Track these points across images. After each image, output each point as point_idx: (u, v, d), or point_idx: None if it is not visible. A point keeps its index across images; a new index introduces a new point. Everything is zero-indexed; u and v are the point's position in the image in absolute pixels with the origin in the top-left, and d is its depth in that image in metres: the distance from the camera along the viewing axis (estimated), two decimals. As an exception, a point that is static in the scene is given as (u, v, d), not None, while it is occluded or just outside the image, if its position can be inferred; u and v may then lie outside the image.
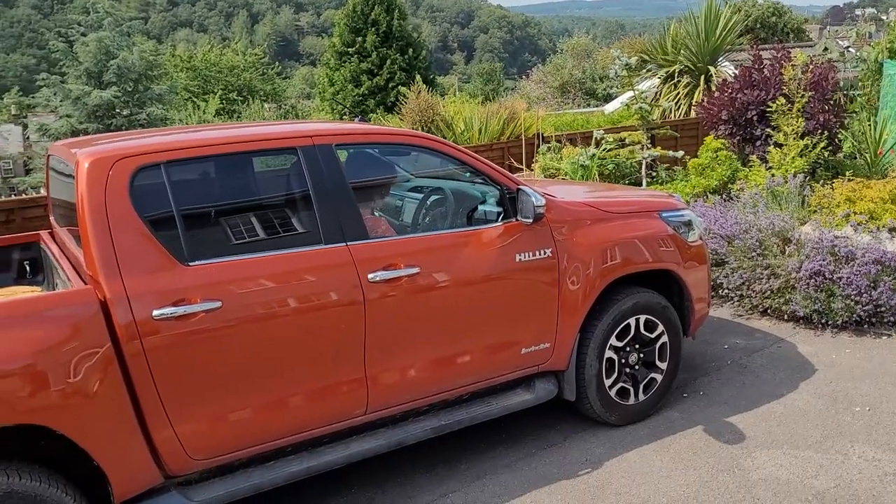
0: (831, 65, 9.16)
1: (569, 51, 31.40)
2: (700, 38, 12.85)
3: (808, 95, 7.90)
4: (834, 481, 3.78)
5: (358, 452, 3.58)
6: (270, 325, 3.22)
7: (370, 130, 3.99)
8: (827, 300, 5.67)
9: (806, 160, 7.58)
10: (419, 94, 11.07)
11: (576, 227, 4.12)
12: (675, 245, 4.54)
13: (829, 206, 6.77)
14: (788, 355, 5.39)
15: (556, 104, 23.50)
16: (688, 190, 8.02)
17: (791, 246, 6.09)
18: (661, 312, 4.48)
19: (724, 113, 8.63)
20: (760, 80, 8.44)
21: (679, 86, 13.26)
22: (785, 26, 30.13)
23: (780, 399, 4.71)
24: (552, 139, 9.42)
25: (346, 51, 30.55)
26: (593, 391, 4.26)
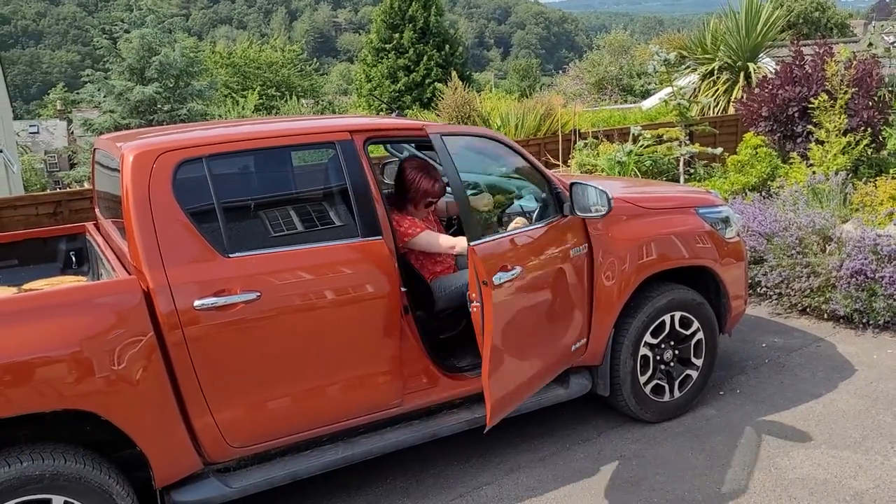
0: (876, 60, 8.97)
1: (605, 47, 31.12)
2: (740, 33, 12.65)
3: (851, 92, 7.75)
4: (873, 482, 3.73)
5: (393, 443, 3.62)
6: (306, 316, 3.28)
7: (407, 125, 4.03)
8: (868, 299, 5.57)
9: (848, 157, 7.43)
10: (455, 90, 11.10)
11: (611, 223, 4.11)
12: (712, 241, 4.50)
13: (872, 204, 6.64)
14: (828, 355, 5.31)
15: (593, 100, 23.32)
16: (726, 187, 7.93)
17: (832, 244, 5.99)
18: (697, 309, 4.44)
19: (764, 109, 8.50)
20: (802, 76, 8.30)
21: (718, 82, 13.07)
22: (828, 21, 29.51)
23: (818, 399, 4.65)
24: (588, 135, 9.38)
25: (383, 47, 30.71)
26: (627, 387, 4.25)
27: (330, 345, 3.35)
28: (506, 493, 3.81)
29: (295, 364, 3.30)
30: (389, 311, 3.45)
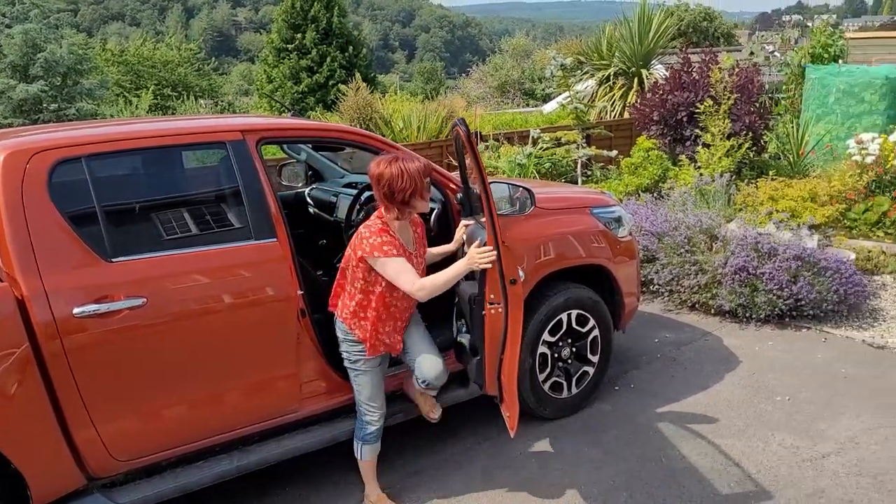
0: (757, 68, 9.49)
1: (508, 51, 31.70)
2: (634, 40, 13.13)
3: (734, 98, 8.17)
4: (755, 468, 3.93)
5: (290, 449, 3.55)
6: (197, 322, 3.16)
7: (301, 126, 3.95)
8: (751, 295, 5.87)
9: (732, 160, 7.83)
10: (357, 92, 11.02)
11: (510, 223, 4.16)
12: (606, 241, 4.63)
13: (754, 204, 7.01)
14: (715, 348, 5.56)
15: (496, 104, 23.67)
16: (621, 188, 8.20)
17: (718, 243, 6.29)
18: (593, 307, 4.56)
19: (655, 114, 8.85)
20: (690, 82, 8.69)
21: (614, 87, 13.52)
22: (716, 31, 31.03)
23: (706, 390, 4.86)
24: (490, 138, 9.50)
25: (284, 47, 30.17)
26: (527, 385, 4.31)
27: (222, 351, 3.25)
28: (408, 497, 3.80)
29: (185, 372, 3.18)
30: (285, 315, 3.37)
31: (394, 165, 3.22)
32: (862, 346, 5.50)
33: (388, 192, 3.22)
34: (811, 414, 4.50)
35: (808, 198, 6.97)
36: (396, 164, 3.22)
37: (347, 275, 3.36)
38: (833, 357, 5.31)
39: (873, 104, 9.37)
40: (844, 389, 4.80)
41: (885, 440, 4.15)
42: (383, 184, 3.22)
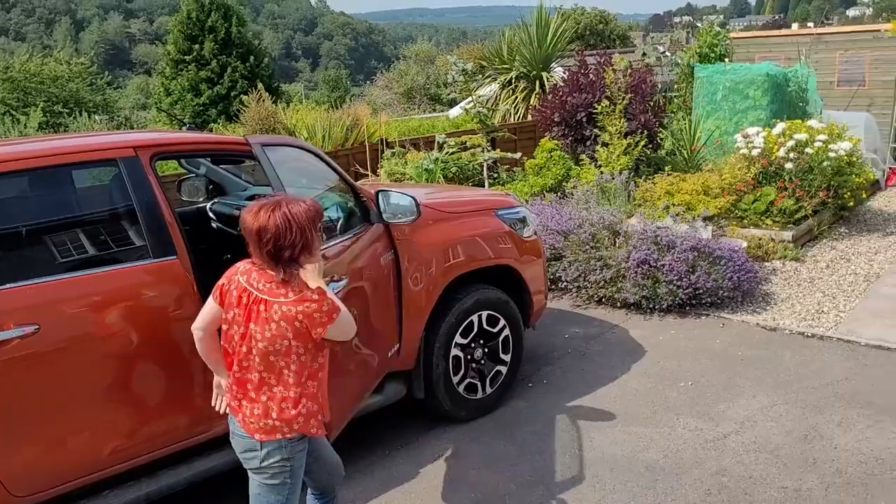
0: (649, 69, 9.87)
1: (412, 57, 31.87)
2: (533, 45, 13.43)
3: (628, 98, 8.48)
4: (663, 452, 4.09)
5: (202, 471, 3.45)
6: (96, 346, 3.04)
7: (198, 139, 3.87)
8: (653, 286, 6.11)
9: (629, 158, 8.12)
10: (258, 102, 10.84)
11: (416, 228, 4.19)
12: (512, 241, 4.74)
13: (652, 199, 7.29)
14: (622, 340, 5.76)
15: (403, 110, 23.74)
16: (526, 189, 8.38)
17: (620, 238, 6.52)
18: (503, 307, 4.65)
19: (556, 115, 9.08)
20: (587, 83, 8.96)
21: (517, 90, 13.79)
22: (611, 33, 32.13)
23: (614, 381, 5.03)
24: (396, 144, 9.54)
25: (182, 59, 29.28)
26: (442, 389, 4.35)
27: (125, 375, 3.13)
28: (326, 508, 3.76)
29: (87, 398, 3.05)
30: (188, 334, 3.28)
31: (277, 214, 2.49)
32: (756, 329, 5.81)
33: (272, 249, 2.50)
34: (712, 397, 4.71)
35: (702, 191, 7.30)
36: (279, 212, 2.49)
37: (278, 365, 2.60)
38: (730, 341, 5.58)
39: (757, 100, 9.90)
40: (742, 371, 5.06)
41: (780, 417, 4.40)
42: (266, 240, 2.49)
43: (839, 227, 8.55)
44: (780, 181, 7.95)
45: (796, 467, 3.87)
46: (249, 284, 2.60)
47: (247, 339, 2.59)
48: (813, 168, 7.95)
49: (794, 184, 7.84)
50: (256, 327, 2.56)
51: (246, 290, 2.60)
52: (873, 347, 5.31)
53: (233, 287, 2.65)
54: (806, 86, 10.76)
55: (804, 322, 5.86)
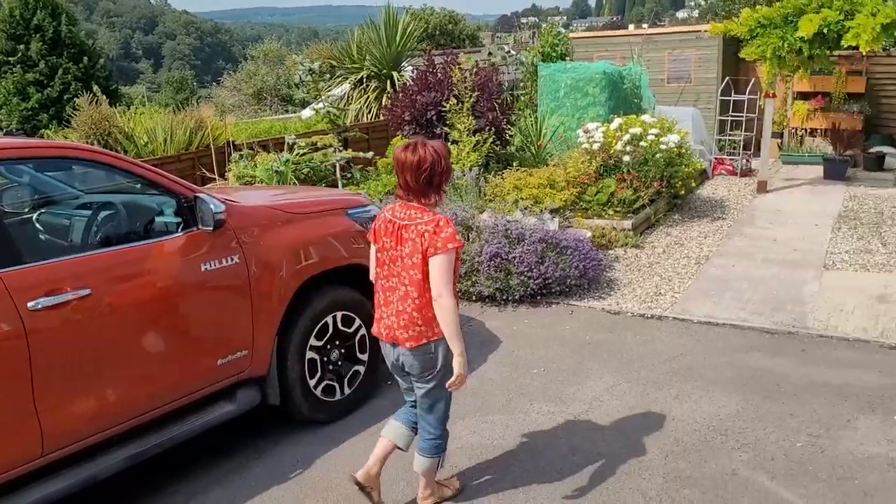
0: (495, 68, 10.17)
1: (260, 57, 31.05)
2: (382, 44, 13.47)
3: (475, 96, 8.69)
4: (518, 437, 4.23)
5: (40, 499, 3.21)
6: None
7: (17, 145, 3.58)
8: (506, 279, 6.30)
9: (479, 154, 8.34)
10: (94, 105, 10.17)
11: (263, 231, 4.11)
12: (364, 240, 4.72)
13: (502, 194, 7.52)
14: (479, 332, 5.90)
15: (253, 111, 23.09)
16: (380, 188, 8.40)
17: (473, 233, 6.67)
18: (358, 307, 4.63)
19: (406, 114, 9.16)
20: (435, 82, 9.10)
21: (369, 90, 13.78)
22: (461, 33, 32.78)
23: (472, 373, 5.12)
24: (244, 146, 9.26)
25: (6, 60, 27.05)
26: (298, 393, 4.28)
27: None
28: (180, 526, 3.61)
29: None
30: (14, 351, 3.04)
31: (427, 149, 3.07)
32: (602, 314, 6.13)
33: (427, 179, 3.08)
34: (563, 381, 4.93)
35: (548, 185, 7.61)
36: (430, 148, 3.08)
37: (409, 280, 3.13)
38: (579, 327, 5.86)
39: (595, 96, 10.45)
40: (589, 355, 5.32)
41: (624, 395, 4.67)
42: (425, 168, 3.05)
43: (673, 215, 9.17)
44: (620, 173, 8.43)
45: (639, 440, 4.12)
46: (394, 217, 3.21)
47: (396, 259, 3.19)
48: (648, 160, 8.49)
49: (632, 175, 8.34)
50: (400, 247, 3.16)
51: (391, 221, 3.21)
52: (704, 324, 5.75)
53: (379, 223, 3.29)
54: (639, 83, 11.48)
55: (644, 304, 6.25)
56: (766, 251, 7.56)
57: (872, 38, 8.64)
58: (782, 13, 9.46)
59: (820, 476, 3.69)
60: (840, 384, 4.64)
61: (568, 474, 3.84)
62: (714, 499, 3.57)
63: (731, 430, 4.18)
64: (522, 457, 4.03)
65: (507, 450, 4.11)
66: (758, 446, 3.99)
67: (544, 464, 3.95)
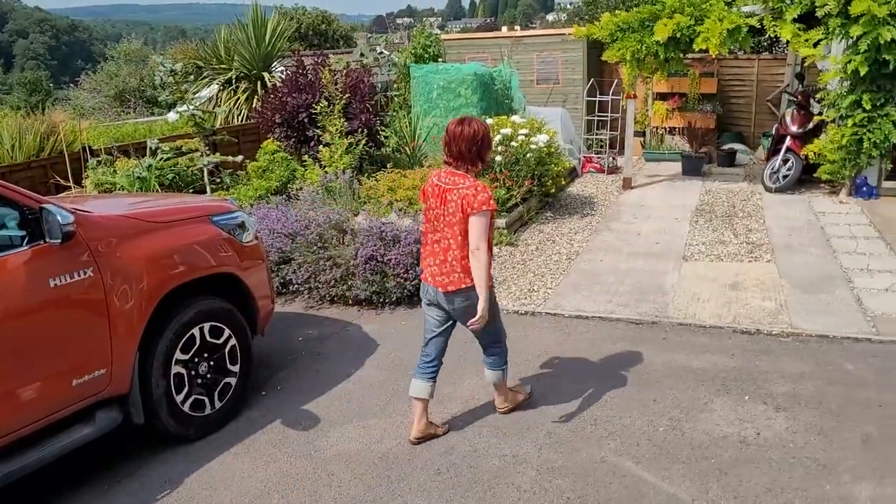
0: (367, 69, 10.12)
1: (121, 57, 29.47)
2: (251, 44, 13.11)
3: (346, 98, 8.61)
4: (396, 440, 4.22)
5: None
6: None
7: None
8: (382, 281, 6.28)
9: (352, 156, 8.27)
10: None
11: (119, 242, 3.89)
12: (232, 248, 4.58)
13: (376, 196, 7.49)
14: (356, 336, 5.84)
15: (116, 114, 21.88)
16: (251, 193, 8.17)
17: (348, 236, 6.61)
18: (226, 316, 4.49)
19: (277, 116, 8.95)
20: (306, 84, 8.94)
21: (238, 91, 13.37)
22: (335, 33, 32.37)
23: (349, 378, 5.09)
24: (102, 152, 8.75)
25: None
26: (164, 410, 4.09)
27: None
28: (34, 562, 3.36)
29: None
30: None
31: (476, 124, 3.77)
32: (478, 312, 6.20)
33: (477, 149, 3.75)
34: (440, 381, 4.88)
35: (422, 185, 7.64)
36: (478, 123, 3.79)
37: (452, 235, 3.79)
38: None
39: (468, 98, 10.60)
40: (465, 354, 5.37)
41: (499, 390, 4.75)
42: (477, 140, 3.73)
43: (545, 212, 9.44)
44: (493, 173, 8.57)
45: (514, 435, 4.21)
46: (440, 182, 3.86)
47: (440, 218, 3.84)
48: (519, 160, 8.69)
49: (504, 175, 8.51)
50: (444, 207, 3.80)
51: (437, 185, 3.86)
52: (574, 318, 5.94)
53: (427, 187, 3.95)
54: (510, 84, 11.74)
55: (519, 301, 6.39)
56: (631, 245, 7.92)
57: (720, 42, 9.23)
58: (639, 18, 9.94)
59: (680, 457, 3.90)
60: (698, 369, 4.92)
61: (445, 473, 3.87)
62: (584, 487, 3.69)
63: (600, 419, 4.35)
64: (400, 460, 4.02)
65: (385, 454, 4.09)
66: (624, 433, 4.17)
67: (421, 465, 3.95)
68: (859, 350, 5.10)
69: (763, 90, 13.18)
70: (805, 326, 5.51)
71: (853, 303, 5.93)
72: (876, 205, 9.08)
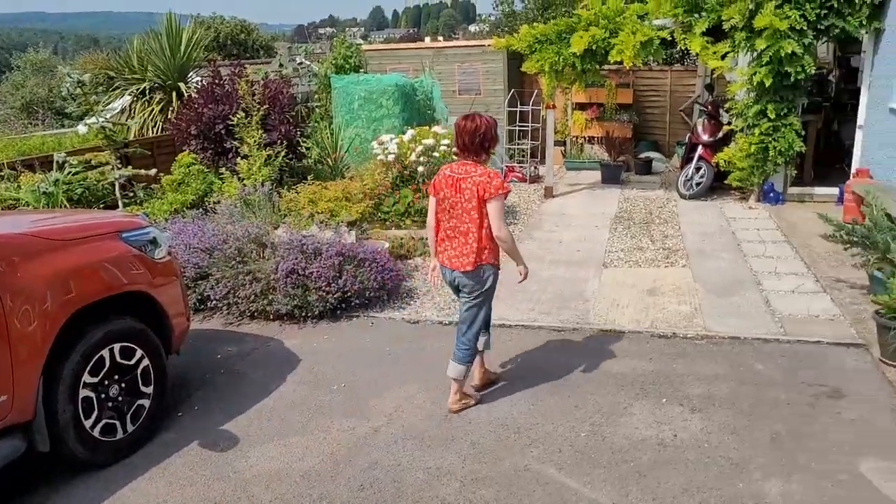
0: (287, 80, 9.97)
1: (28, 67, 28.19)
2: (166, 54, 12.74)
3: (264, 109, 8.47)
4: (318, 457, 4.14)
5: None
6: None
7: None
8: (304, 295, 6.17)
9: (272, 168, 8.12)
10: None
11: (21, 261, 3.70)
12: (143, 265, 4.42)
13: (297, 208, 7.37)
14: (277, 352, 5.72)
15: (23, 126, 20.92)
16: (165, 207, 7.91)
17: (268, 250, 6.47)
18: (139, 336, 4.33)
19: (193, 128, 8.72)
20: (223, 95, 8.74)
21: (153, 102, 12.96)
22: (254, 43, 31.86)
23: (270, 395, 4.97)
24: (5, 166, 8.32)
25: None
26: (72, 436, 3.90)
27: None
28: None
29: None
30: None
31: (479, 119, 4.22)
32: (402, 324, 6.18)
33: (480, 141, 4.20)
34: (364, 394, 4.90)
35: (343, 197, 7.57)
36: (482, 118, 4.23)
37: (469, 220, 4.21)
38: (379, 338, 5.86)
39: (389, 108, 10.59)
40: (390, 366, 5.34)
41: (423, 404, 4.73)
42: (479, 133, 4.19)
43: (468, 222, 9.47)
44: (415, 183, 8.58)
45: (438, 447, 4.19)
46: (452, 173, 4.27)
47: (455, 205, 4.24)
48: (441, 170, 8.70)
49: (427, 185, 8.51)
50: (459, 195, 4.21)
51: (450, 176, 4.26)
52: (498, 326, 5.95)
53: (439, 179, 4.33)
54: (432, 94, 11.79)
55: (443, 311, 6.39)
56: (553, 253, 8.03)
57: (634, 54, 9.52)
58: (556, 30, 10.14)
59: (601, 462, 3.95)
60: (618, 374, 5.02)
61: (368, 489, 3.81)
62: (508, 496, 3.70)
63: (524, 427, 4.37)
64: (322, 477, 3.94)
65: (307, 471, 4.01)
66: (547, 440, 4.20)
67: (345, 482, 3.89)
68: (769, 350, 5.30)
69: (676, 100, 13.64)
70: (718, 329, 5.69)
71: (762, 305, 6.16)
72: (782, 210, 9.50)
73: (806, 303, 6.15)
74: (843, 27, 8.83)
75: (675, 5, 9.50)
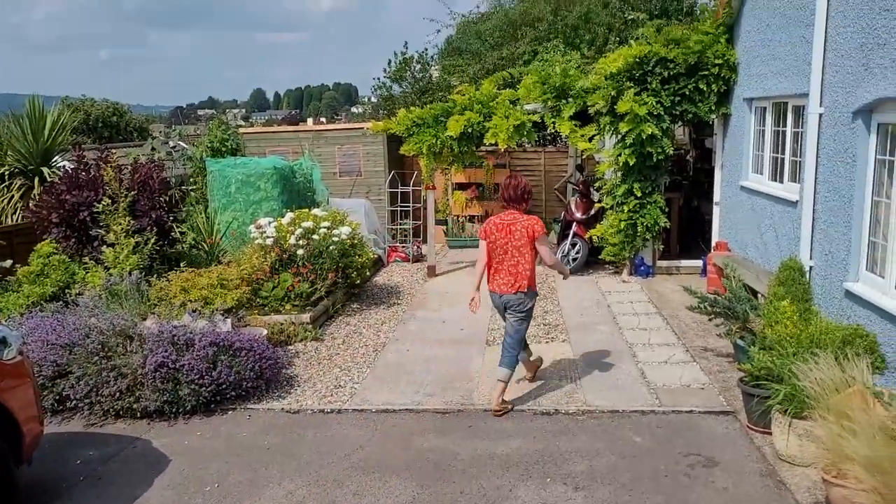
0: (159, 164, 9.67)
1: None
2: (28, 138, 12.14)
3: (132, 195, 8.15)
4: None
5: None
6: None
7: None
8: (174, 389, 5.83)
9: (140, 257, 7.75)
10: None
11: None
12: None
13: (168, 297, 7.03)
14: (144, 453, 5.32)
15: None
16: (21, 301, 7.34)
17: (135, 342, 6.09)
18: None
19: (54, 216, 8.24)
20: (88, 180, 8.35)
21: (13, 188, 12.23)
22: (128, 125, 30.93)
23: (134, 502, 4.58)
24: None
25: None
26: None
27: None
28: None
29: None
30: None
31: (520, 178, 5.79)
32: (281, 415, 5.92)
33: (521, 194, 5.69)
34: (239, 495, 4.61)
35: (218, 284, 7.30)
36: (521, 178, 5.80)
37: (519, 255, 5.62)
38: (256, 431, 5.58)
39: (268, 191, 10.43)
40: (268, 461, 5.07)
41: (303, 499, 4.49)
42: (520, 189, 5.69)
43: (352, 304, 9.36)
44: (294, 267, 8.41)
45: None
46: (502, 220, 5.67)
47: (507, 245, 5.62)
48: (322, 252, 8.61)
49: (307, 268, 8.38)
50: (510, 237, 5.60)
51: (500, 223, 5.67)
52: (382, 412, 5.84)
53: (490, 226, 5.70)
54: (311, 177, 11.74)
55: (324, 399, 6.18)
56: (437, 332, 8.02)
57: (508, 137, 9.90)
58: (433, 114, 10.43)
59: (488, 552, 3.85)
60: (502, 455, 4.97)
61: None
62: None
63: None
64: (191, 593, 3.63)
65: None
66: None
67: None
68: (646, 422, 5.42)
69: (550, 179, 14.24)
70: (598, 403, 5.79)
71: (638, 376, 6.34)
72: (653, 282, 9.95)
73: (678, 373, 6.38)
74: (696, 112, 9.58)
75: (542, 92, 10.01)
